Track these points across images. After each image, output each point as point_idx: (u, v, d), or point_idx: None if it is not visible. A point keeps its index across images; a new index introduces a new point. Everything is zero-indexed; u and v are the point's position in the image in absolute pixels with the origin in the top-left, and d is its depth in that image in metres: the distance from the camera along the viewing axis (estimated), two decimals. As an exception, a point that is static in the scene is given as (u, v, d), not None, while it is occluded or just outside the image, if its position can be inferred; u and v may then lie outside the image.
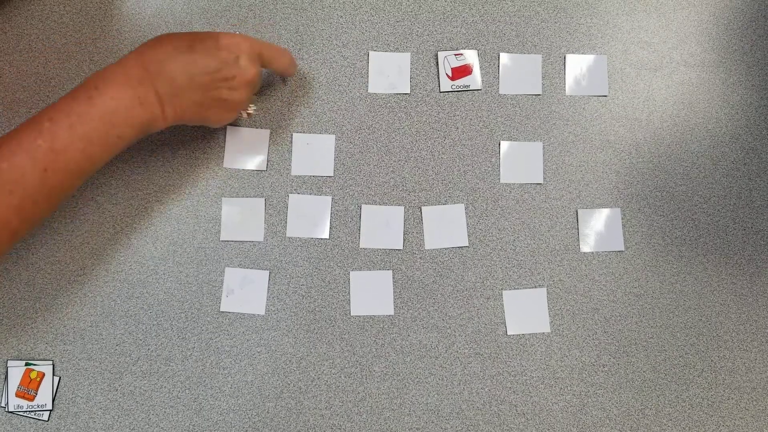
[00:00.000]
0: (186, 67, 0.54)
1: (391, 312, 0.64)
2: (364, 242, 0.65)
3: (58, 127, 0.50)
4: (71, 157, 0.51)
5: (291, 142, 0.66)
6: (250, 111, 0.63)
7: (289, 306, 0.64)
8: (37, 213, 0.51)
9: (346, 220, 0.65)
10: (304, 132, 0.66)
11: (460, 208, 0.66)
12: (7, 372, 0.61)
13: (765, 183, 0.68)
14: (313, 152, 0.66)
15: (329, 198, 0.65)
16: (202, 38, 0.55)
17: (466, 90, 0.68)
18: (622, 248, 0.66)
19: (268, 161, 0.66)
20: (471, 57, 0.68)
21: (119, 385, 0.62)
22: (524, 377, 0.63)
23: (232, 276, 0.64)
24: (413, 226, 0.65)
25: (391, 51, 0.68)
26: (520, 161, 0.67)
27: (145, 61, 0.53)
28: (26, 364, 0.61)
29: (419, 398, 0.63)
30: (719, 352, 0.65)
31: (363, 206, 0.65)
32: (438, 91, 0.68)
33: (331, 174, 0.66)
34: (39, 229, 0.63)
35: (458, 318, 0.64)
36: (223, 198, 0.65)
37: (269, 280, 0.64)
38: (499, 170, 0.67)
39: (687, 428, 0.63)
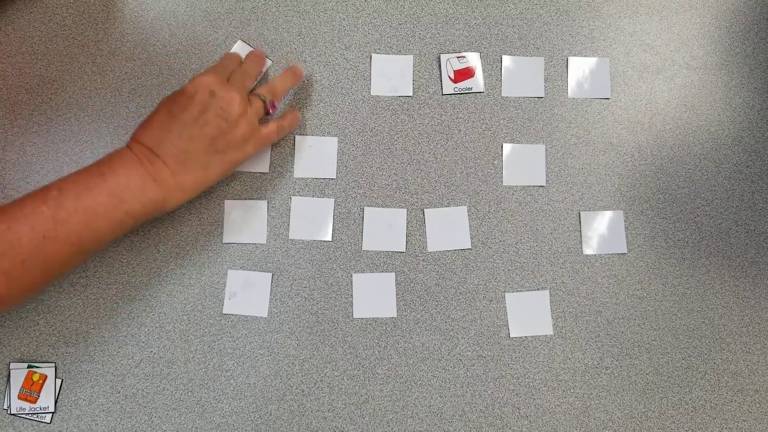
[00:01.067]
0: (180, 130, 0.54)
1: (394, 314, 0.64)
2: (367, 245, 0.65)
3: (65, 197, 0.50)
4: (72, 228, 0.50)
5: (294, 145, 0.66)
6: (272, 114, 0.62)
7: (291, 308, 0.63)
8: (27, 281, 0.50)
9: (348, 223, 0.65)
10: (306, 134, 0.66)
11: (462, 210, 0.66)
12: (9, 374, 0.61)
13: (767, 185, 0.68)
14: (316, 155, 0.66)
15: (332, 200, 0.65)
16: (173, 98, 0.56)
17: (468, 92, 0.68)
18: (625, 251, 0.66)
19: (270, 163, 0.66)
20: (473, 59, 0.68)
21: (121, 388, 0.62)
22: (527, 380, 0.63)
23: (235, 278, 0.64)
24: (416, 229, 0.65)
25: (394, 53, 0.68)
26: (522, 164, 0.67)
27: (146, 142, 0.54)
28: (29, 367, 0.61)
29: (422, 401, 0.62)
30: (722, 354, 0.65)
31: (366, 209, 0.65)
32: (440, 93, 0.68)
33: (334, 176, 0.66)
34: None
35: (461, 320, 0.64)
36: (225, 200, 0.65)
37: (272, 282, 0.64)
38: (501, 173, 0.67)
39: (690, 431, 0.63)
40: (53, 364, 0.61)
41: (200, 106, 0.55)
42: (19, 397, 0.60)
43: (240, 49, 0.67)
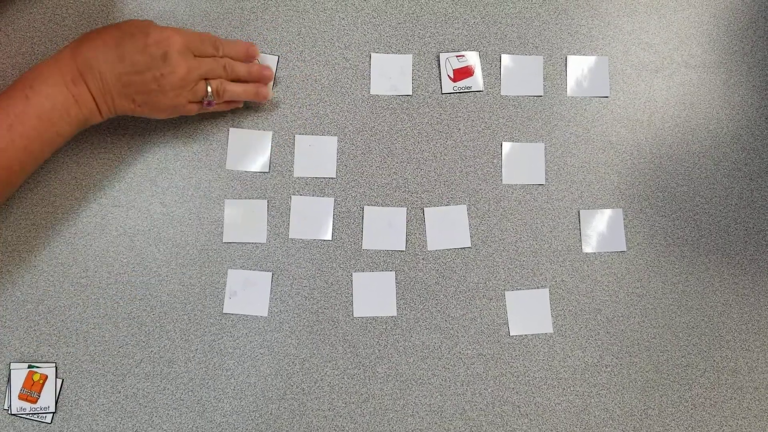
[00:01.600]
0: (113, 65, 0.54)
1: (394, 313, 0.64)
2: (367, 243, 0.65)
3: None
4: (12, 155, 0.52)
5: (293, 144, 0.66)
6: (211, 99, 0.60)
7: (291, 307, 0.64)
8: None
9: (348, 222, 0.65)
10: (306, 134, 0.67)
11: (462, 209, 0.66)
12: (10, 374, 0.61)
13: (766, 183, 0.68)
14: (316, 154, 0.66)
15: (332, 199, 0.65)
16: (132, 32, 0.55)
17: (467, 91, 0.68)
18: (624, 249, 0.66)
19: (270, 163, 0.66)
20: (472, 58, 0.68)
21: (122, 387, 0.62)
22: (527, 378, 0.63)
23: (235, 278, 0.64)
24: (416, 228, 0.65)
25: (393, 53, 0.68)
26: (522, 162, 0.67)
27: (77, 60, 0.54)
28: (29, 367, 0.61)
29: (422, 399, 0.63)
30: (721, 352, 0.65)
31: (365, 207, 0.65)
32: (440, 92, 0.68)
33: (334, 175, 0.66)
34: (42, 231, 0.63)
35: (461, 319, 0.64)
36: (225, 200, 0.65)
37: (272, 281, 0.64)
38: (501, 171, 0.67)
39: (689, 428, 0.63)
40: (54, 364, 0.61)
41: (148, 58, 0.55)
42: (20, 398, 0.60)
43: None
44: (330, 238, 0.65)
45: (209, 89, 0.59)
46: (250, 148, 0.66)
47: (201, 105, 0.61)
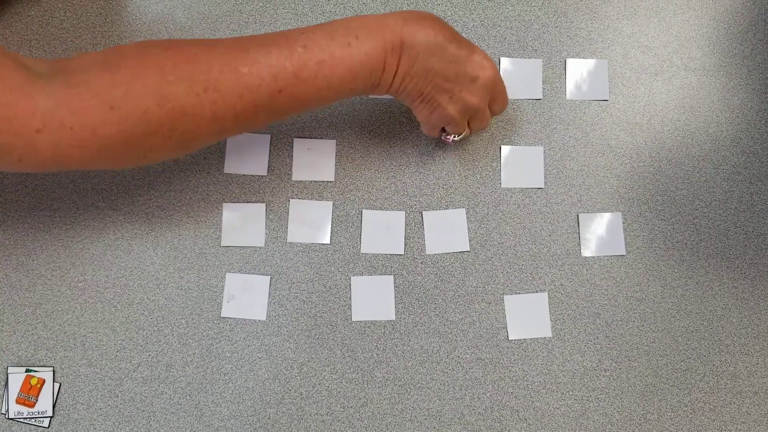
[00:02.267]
0: (430, 55, 0.53)
1: (393, 317, 0.64)
2: (365, 247, 0.65)
3: (310, 58, 0.50)
4: (306, 91, 0.51)
5: (292, 147, 0.66)
6: (456, 138, 0.61)
7: (290, 311, 0.63)
8: (250, 125, 0.52)
9: (347, 225, 0.65)
10: (304, 137, 0.66)
11: (461, 212, 0.66)
12: (7, 378, 0.61)
13: (766, 187, 0.68)
14: (314, 157, 0.66)
15: (330, 203, 0.65)
16: (461, 41, 0.55)
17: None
18: (624, 252, 0.66)
19: (268, 166, 0.66)
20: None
21: (120, 392, 0.61)
22: (526, 382, 0.63)
23: (233, 281, 0.63)
24: (414, 231, 0.65)
25: (392, 56, 0.68)
26: (521, 166, 0.67)
27: (405, 33, 0.52)
28: (26, 371, 0.61)
29: (421, 404, 0.62)
30: (721, 356, 0.65)
31: (364, 211, 0.65)
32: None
33: (332, 179, 0.66)
34: (40, 234, 0.63)
35: (459, 323, 0.64)
36: (223, 203, 0.65)
37: (270, 285, 0.64)
38: (500, 175, 0.67)
39: (689, 433, 0.63)
40: (51, 368, 0.61)
41: (460, 73, 0.54)
42: (17, 402, 0.60)
43: None
44: (328, 242, 0.65)
45: (468, 129, 0.60)
46: (248, 152, 0.66)
47: (442, 136, 0.62)
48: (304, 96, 0.51)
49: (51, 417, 0.61)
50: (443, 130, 0.62)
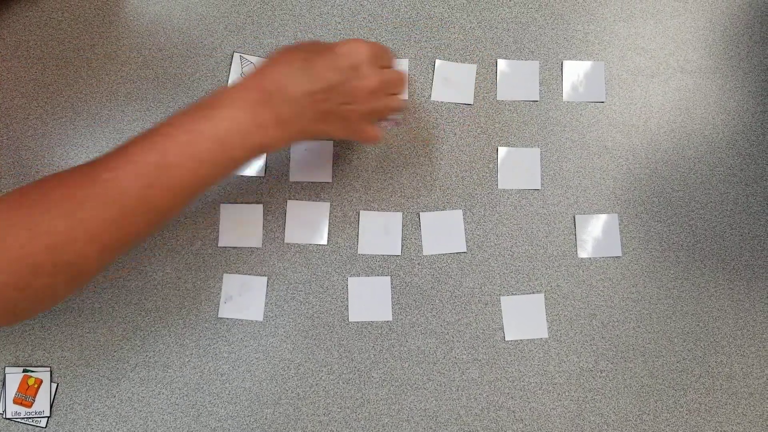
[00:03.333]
0: (306, 86, 0.51)
1: (390, 318, 0.64)
2: (363, 248, 0.65)
3: (171, 143, 0.48)
4: (178, 175, 0.48)
5: (289, 148, 0.66)
6: (393, 121, 0.58)
7: (287, 312, 0.64)
8: (133, 230, 0.48)
9: (344, 226, 0.65)
10: (302, 138, 0.67)
11: (458, 214, 0.66)
12: (4, 378, 0.61)
13: (761, 188, 0.68)
14: (312, 158, 0.66)
15: (327, 204, 0.65)
16: (318, 50, 0.53)
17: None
18: (620, 254, 0.66)
19: (266, 167, 0.66)
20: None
21: (117, 392, 0.62)
22: (522, 383, 0.63)
23: (231, 282, 0.64)
24: (411, 232, 0.65)
25: (389, 57, 0.68)
26: (517, 167, 0.67)
27: (265, 84, 0.51)
28: (24, 371, 0.61)
29: (417, 404, 0.63)
30: (716, 357, 0.65)
31: (361, 212, 0.65)
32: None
33: (330, 180, 0.66)
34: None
35: (456, 324, 0.64)
36: (221, 204, 0.65)
37: (267, 286, 0.64)
38: (496, 176, 0.67)
39: (685, 434, 0.63)
40: (48, 368, 0.61)
41: (340, 75, 0.52)
42: (15, 402, 0.60)
43: (237, 62, 0.67)
44: (326, 243, 0.65)
45: (398, 109, 0.57)
46: (245, 153, 0.66)
47: (382, 128, 0.58)
48: (178, 183, 0.48)
49: (48, 417, 0.61)
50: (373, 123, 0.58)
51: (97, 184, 0.46)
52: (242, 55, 0.67)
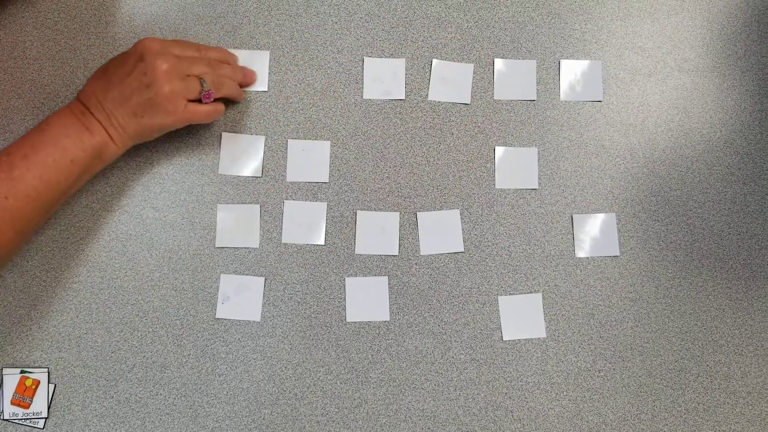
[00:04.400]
0: (109, 87, 0.58)
1: (387, 318, 0.64)
2: (360, 248, 0.65)
3: (14, 157, 0.55)
4: (29, 184, 0.55)
5: (286, 149, 0.66)
6: (206, 94, 0.60)
7: (284, 312, 0.64)
8: (1, 239, 0.54)
9: (341, 227, 0.65)
10: (299, 138, 0.66)
11: (455, 213, 0.66)
12: (2, 379, 0.61)
13: (759, 187, 0.68)
14: (309, 158, 0.66)
15: (324, 204, 0.65)
16: (116, 57, 0.60)
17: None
18: (618, 253, 0.66)
19: (263, 167, 0.66)
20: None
21: (115, 393, 0.62)
22: (520, 382, 0.63)
23: (228, 283, 0.64)
24: (409, 232, 0.65)
25: (386, 57, 0.68)
26: (515, 167, 0.67)
27: (82, 98, 0.58)
28: (21, 372, 0.61)
29: (415, 404, 0.63)
30: (715, 356, 0.65)
31: (358, 212, 0.65)
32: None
33: (327, 180, 0.66)
34: (34, 235, 0.63)
35: (454, 324, 0.64)
36: (218, 204, 0.65)
37: (265, 286, 0.64)
38: (494, 176, 0.67)
39: (683, 433, 0.63)
40: (46, 369, 0.61)
41: (128, 68, 0.58)
42: (12, 403, 0.60)
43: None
44: (323, 243, 0.65)
45: (202, 81, 0.60)
46: (242, 153, 0.66)
47: (202, 103, 0.60)
48: (32, 190, 0.55)
49: (46, 418, 0.61)
50: (198, 101, 0.61)
51: None
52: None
